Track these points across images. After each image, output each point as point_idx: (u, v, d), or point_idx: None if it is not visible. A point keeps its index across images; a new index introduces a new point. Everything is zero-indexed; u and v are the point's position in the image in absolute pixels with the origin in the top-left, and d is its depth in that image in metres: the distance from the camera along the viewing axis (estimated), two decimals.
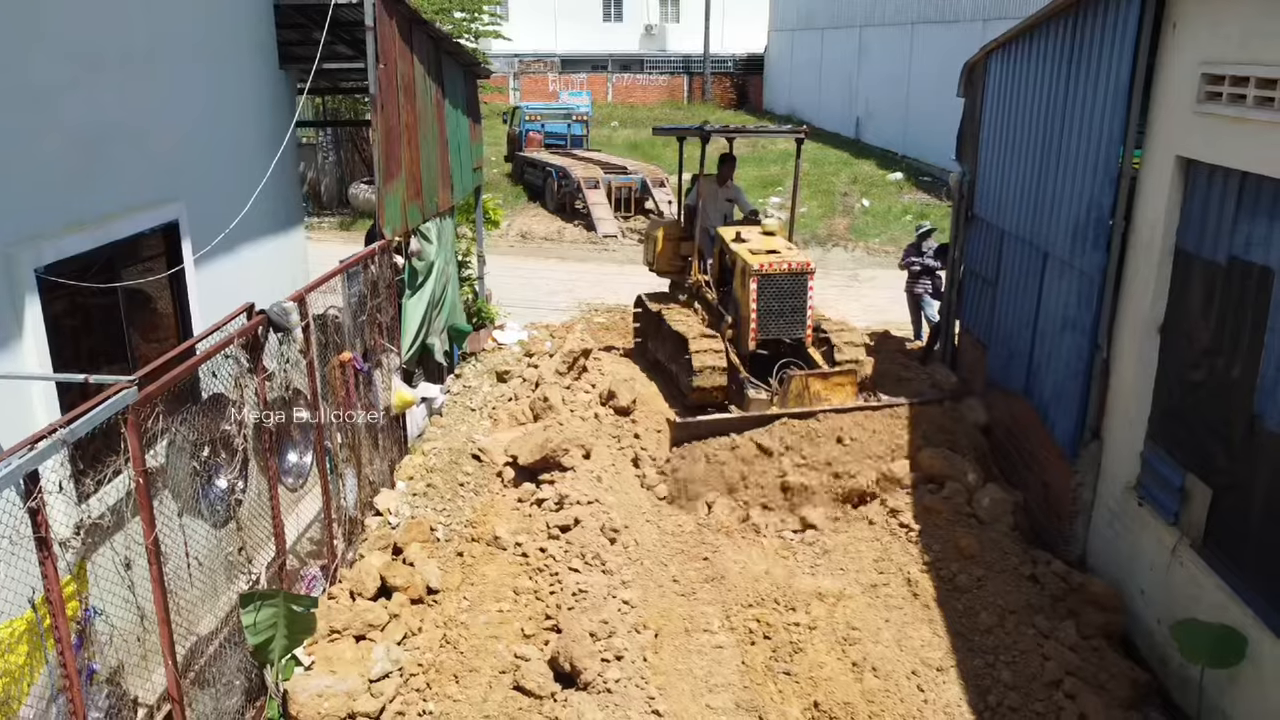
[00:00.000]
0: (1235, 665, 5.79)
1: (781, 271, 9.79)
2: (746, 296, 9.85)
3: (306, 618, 6.01)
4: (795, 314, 9.91)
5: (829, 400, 9.34)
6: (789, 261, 9.84)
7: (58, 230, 5.49)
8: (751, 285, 9.75)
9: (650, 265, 12.27)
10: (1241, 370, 6.07)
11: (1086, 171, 7.90)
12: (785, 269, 9.80)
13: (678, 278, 11.90)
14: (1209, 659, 5.90)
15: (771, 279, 9.78)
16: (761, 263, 9.76)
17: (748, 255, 9.98)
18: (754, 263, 9.78)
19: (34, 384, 5.26)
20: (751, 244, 10.36)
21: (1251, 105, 5.82)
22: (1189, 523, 6.56)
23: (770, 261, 9.80)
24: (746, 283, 9.85)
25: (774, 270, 9.76)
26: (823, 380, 9.49)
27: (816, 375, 9.52)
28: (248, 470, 5.96)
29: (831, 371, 9.66)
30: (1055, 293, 8.57)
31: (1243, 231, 6.07)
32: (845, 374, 9.62)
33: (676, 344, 10.41)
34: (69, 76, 5.70)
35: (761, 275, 9.73)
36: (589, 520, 7.81)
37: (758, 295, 9.74)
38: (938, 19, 28.91)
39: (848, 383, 9.57)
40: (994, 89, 10.34)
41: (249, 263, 7.87)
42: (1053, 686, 6.34)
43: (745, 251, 10.10)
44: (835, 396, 9.40)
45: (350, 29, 9.70)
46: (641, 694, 6.14)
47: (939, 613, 7.10)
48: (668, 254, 11.84)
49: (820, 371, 9.64)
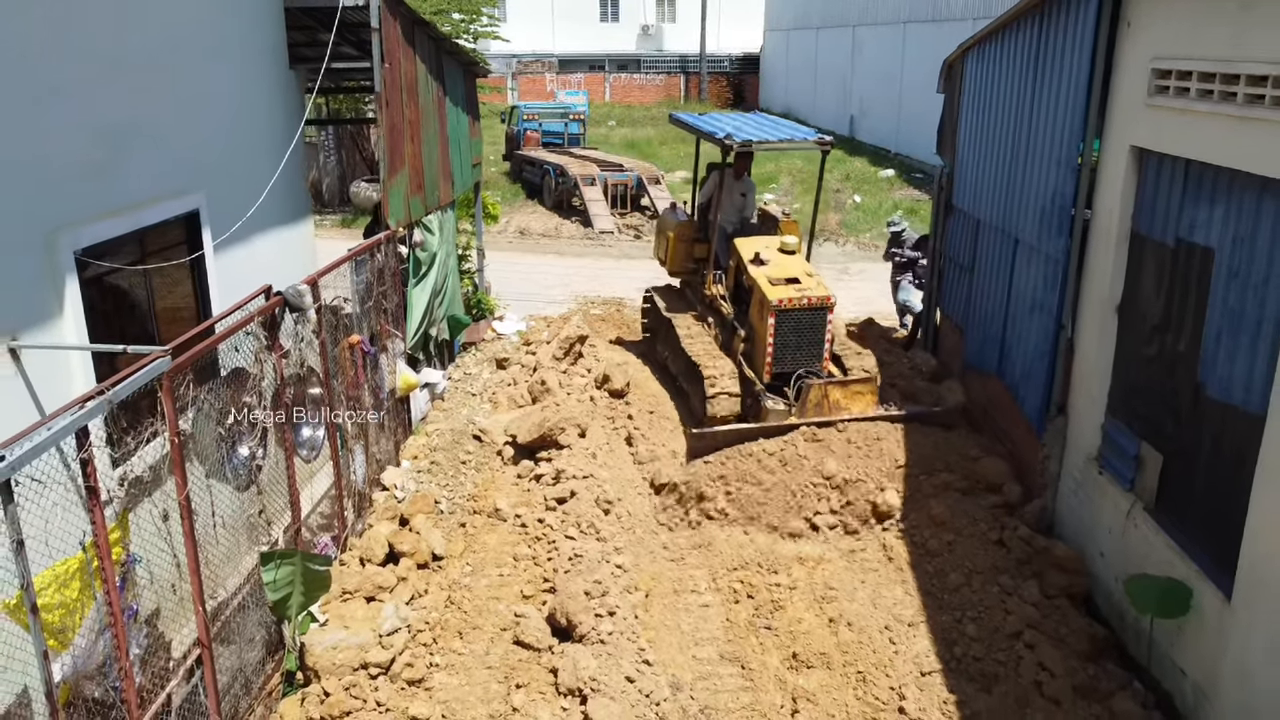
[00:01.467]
0: (1182, 616, 6.27)
1: (801, 307, 9.38)
2: (764, 329, 9.47)
3: (323, 575, 6.49)
4: (813, 348, 9.53)
5: (849, 409, 9.22)
6: (809, 296, 9.40)
7: (93, 216, 5.96)
8: (769, 320, 9.34)
9: (662, 262, 12.08)
10: (1187, 343, 6.56)
11: (1051, 162, 8.40)
12: (805, 304, 9.38)
13: (690, 278, 11.70)
14: (1157, 610, 6.38)
15: (790, 315, 9.38)
16: (780, 298, 9.33)
17: (767, 286, 9.53)
18: (772, 297, 9.35)
19: (73, 355, 5.73)
20: (770, 270, 9.84)
21: (1195, 97, 6.30)
22: (1143, 487, 7.04)
23: (790, 297, 9.36)
24: (764, 315, 9.45)
25: (793, 306, 9.36)
26: (842, 389, 9.33)
27: (836, 384, 9.34)
28: (267, 440, 6.44)
29: (851, 380, 9.46)
30: (1024, 277, 9.06)
31: (1188, 215, 6.56)
32: (865, 382, 9.44)
33: (689, 365, 10.09)
34: (99, 75, 6.17)
35: (780, 311, 9.33)
36: (584, 493, 8.29)
37: (775, 330, 9.35)
38: (929, 18, 29.40)
39: (867, 391, 9.40)
40: (970, 85, 10.82)
41: (262, 251, 8.35)
42: (1014, 639, 6.82)
43: (764, 280, 9.63)
44: (855, 405, 9.27)
45: (355, 30, 10.16)
46: (633, 646, 6.62)
47: (911, 574, 7.59)
48: (680, 254, 11.54)
49: (839, 380, 9.45)
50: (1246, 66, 5.68)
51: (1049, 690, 6.40)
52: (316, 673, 6.38)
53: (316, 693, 6.27)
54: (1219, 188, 6.19)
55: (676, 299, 11.61)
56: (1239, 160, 5.86)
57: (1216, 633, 6.00)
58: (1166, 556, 6.58)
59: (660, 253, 12.07)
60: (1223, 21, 6.00)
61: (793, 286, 9.54)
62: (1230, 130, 5.91)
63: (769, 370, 9.49)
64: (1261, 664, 5.53)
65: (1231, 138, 5.91)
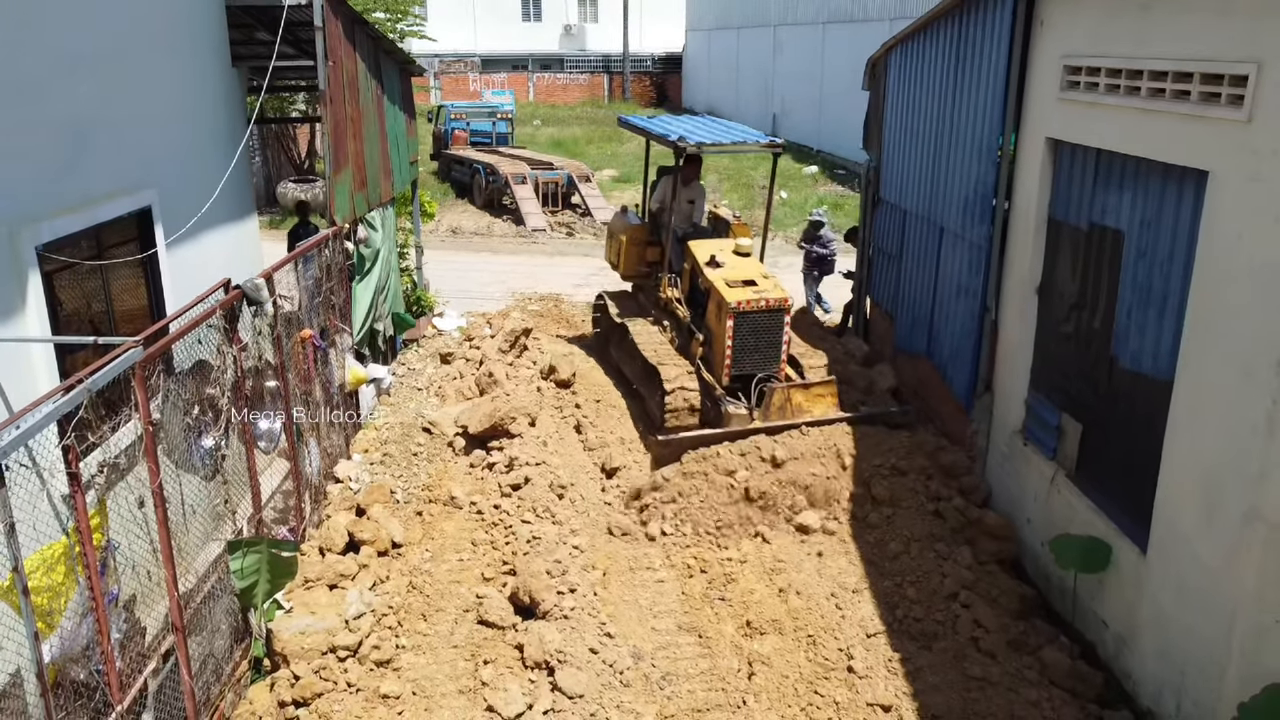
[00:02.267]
0: (1102, 570, 6.78)
1: (759, 309, 9.38)
2: (722, 331, 9.41)
3: (289, 561, 6.62)
4: (771, 349, 9.53)
5: (810, 412, 9.22)
6: (766, 299, 9.41)
7: (52, 212, 6.00)
8: (728, 323, 9.30)
9: (614, 265, 11.99)
10: (1101, 320, 7.09)
11: (973, 154, 8.91)
12: (763, 306, 9.39)
13: (642, 281, 11.66)
14: (1080, 565, 6.89)
15: (748, 317, 9.36)
16: (739, 300, 9.30)
17: (724, 288, 9.50)
18: (730, 299, 9.31)
19: (36, 349, 5.77)
20: (727, 272, 9.85)
21: (1103, 92, 6.82)
22: (1064, 455, 7.56)
23: (748, 299, 9.34)
24: (722, 317, 9.40)
25: (751, 309, 9.34)
26: (804, 392, 9.32)
27: (798, 387, 9.33)
28: (230, 430, 6.54)
29: (813, 383, 9.46)
30: (950, 263, 9.58)
31: (1100, 201, 7.09)
32: (826, 384, 9.46)
33: (646, 369, 10.00)
34: (55, 73, 6.20)
35: (738, 313, 9.29)
36: (538, 479, 8.53)
37: (734, 333, 9.32)
38: (848, 18, 30.23)
39: (828, 394, 9.42)
40: (894, 82, 11.33)
41: (212, 248, 8.40)
42: (950, 600, 7.28)
43: (721, 283, 9.60)
44: (817, 408, 9.28)
45: (293, 29, 10.21)
46: (594, 620, 6.89)
47: (854, 546, 8.00)
48: (633, 258, 11.49)
49: (801, 383, 9.45)
50: (1149, 63, 6.19)
51: (984, 645, 6.86)
52: (285, 658, 6.51)
53: (286, 677, 6.40)
54: (1127, 175, 6.71)
55: (629, 303, 11.53)
56: (1144, 149, 6.39)
57: (1134, 585, 6.52)
58: (1088, 518, 7.10)
59: (612, 256, 12.02)
60: (1126, 21, 6.53)
61: (750, 289, 9.55)
62: (1136, 122, 6.43)
63: (728, 373, 9.47)
64: (1173, 609, 6.05)
65: (1137, 128, 6.43)
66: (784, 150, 10.45)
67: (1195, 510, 5.85)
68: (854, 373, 10.86)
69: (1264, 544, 5.29)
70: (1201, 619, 5.78)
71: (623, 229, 11.72)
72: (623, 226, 11.81)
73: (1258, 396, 5.27)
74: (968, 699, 6.42)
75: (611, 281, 12.40)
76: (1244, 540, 5.40)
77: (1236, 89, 5.39)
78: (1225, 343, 5.56)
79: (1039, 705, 6.33)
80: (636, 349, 10.19)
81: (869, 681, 6.56)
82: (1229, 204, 5.50)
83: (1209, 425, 5.73)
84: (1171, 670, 6.08)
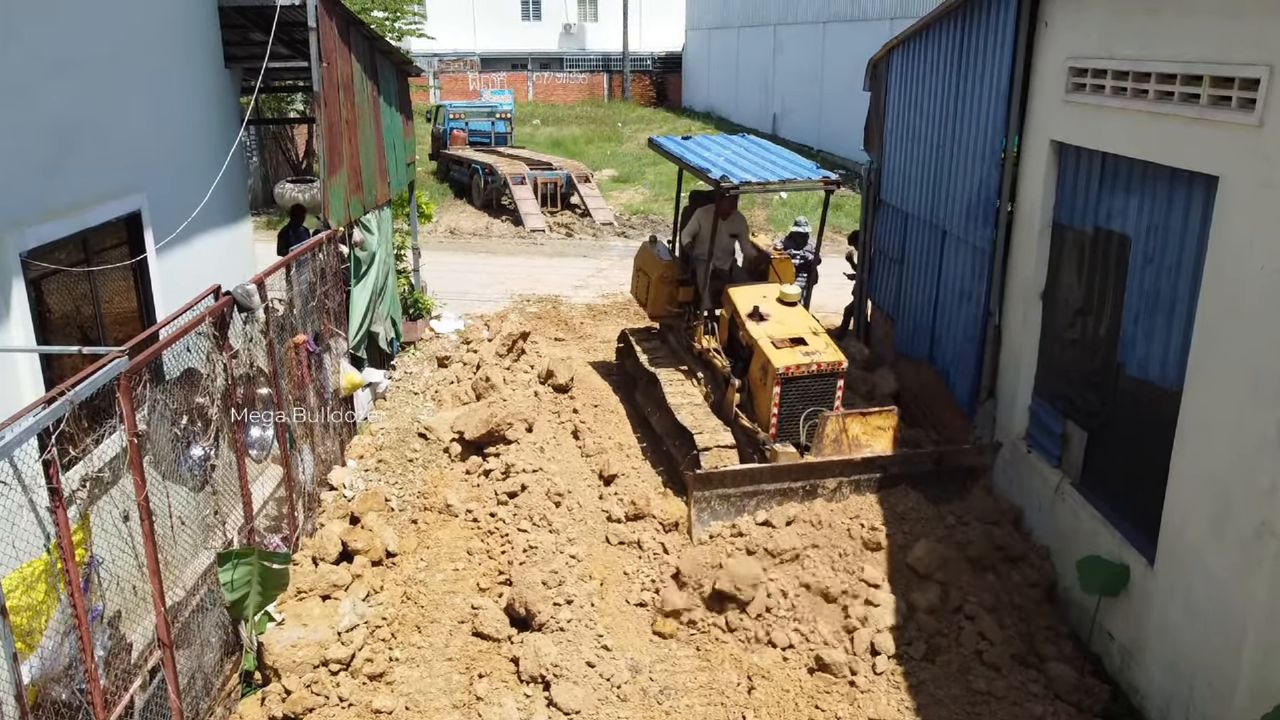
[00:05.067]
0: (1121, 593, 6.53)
1: (810, 374, 8.41)
2: (766, 396, 8.50)
3: (280, 574, 6.50)
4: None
5: (869, 445, 8.26)
6: (818, 362, 8.42)
7: (38, 218, 5.88)
8: (774, 389, 8.35)
9: (641, 303, 11.02)
10: (1107, 326, 6.96)
11: (976, 157, 8.79)
12: (814, 370, 8.40)
13: (672, 322, 10.65)
14: (1104, 591, 6.63)
15: (798, 383, 8.39)
16: (787, 365, 8.33)
17: (770, 350, 8.52)
18: (778, 363, 8.34)
19: (20, 359, 5.65)
20: (772, 327, 8.83)
21: (1109, 94, 6.70)
22: (1069, 463, 7.44)
23: (798, 364, 8.37)
24: (768, 381, 8.45)
25: (802, 374, 8.38)
26: (861, 421, 8.33)
27: (855, 415, 8.35)
28: (220, 440, 6.42)
29: (871, 411, 8.50)
30: (953, 267, 9.45)
31: (1105, 205, 6.97)
32: (886, 414, 8.47)
33: (679, 429, 9.00)
34: (41, 76, 6.08)
35: (785, 379, 8.33)
36: (535, 486, 8.40)
37: (780, 399, 8.37)
38: (848, 18, 30.10)
39: (888, 425, 8.41)
40: (896, 83, 11.20)
41: (204, 252, 8.27)
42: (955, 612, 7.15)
43: (767, 342, 8.62)
44: (876, 441, 8.30)
45: (288, 29, 10.09)
46: (591, 632, 6.77)
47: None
48: (662, 298, 10.40)
49: (858, 411, 8.48)
50: (1155, 65, 6.07)
51: (989, 658, 6.73)
52: (276, 671, 6.38)
53: (277, 691, 6.28)
54: (1133, 179, 6.59)
55: (656, 344, 10.59)
56: (1150, 152, 6.27)
57: (1141, 597, 6.40)
58: (1092, 527, 6.98)
59: (640, 293, 11.04)
60: (1133, 23, 6.41)
61: (799, 349, 8.55)
62: (1142, 125, 6.31)
63: (773, 436, 8.54)
64: (1182, 622, 5.93)
65: (1144, 132, 6.31)
66: (839, 185, 9.32)
67: (1204, 522, 5.73)
68: (854, 377, 10.73)
69: (1275, 559, 5.16)
70: (1211, 633, 5.66)
71: (652, 264, 10.59)
72: (652, 262, 10.62)
73: (1268, 407, 5.15)
74: (971, 713, 6.30)
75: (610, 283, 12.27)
76: (1255, 555, 5.28)
77: (1248, 92, 5.27)
78: (1235, 352, 5.44)
79: None
80: (666, 402, 9.30)
81: (870, 696, 6.44)
82: (1240, 210, 5.38)
83: (1218, 436, 5.61)
84: (1179, 684, 5.96)
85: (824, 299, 15.21)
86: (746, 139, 10.95)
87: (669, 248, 10.89)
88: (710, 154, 10.02)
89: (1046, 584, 7.48)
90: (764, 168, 9.55)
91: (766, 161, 9.88)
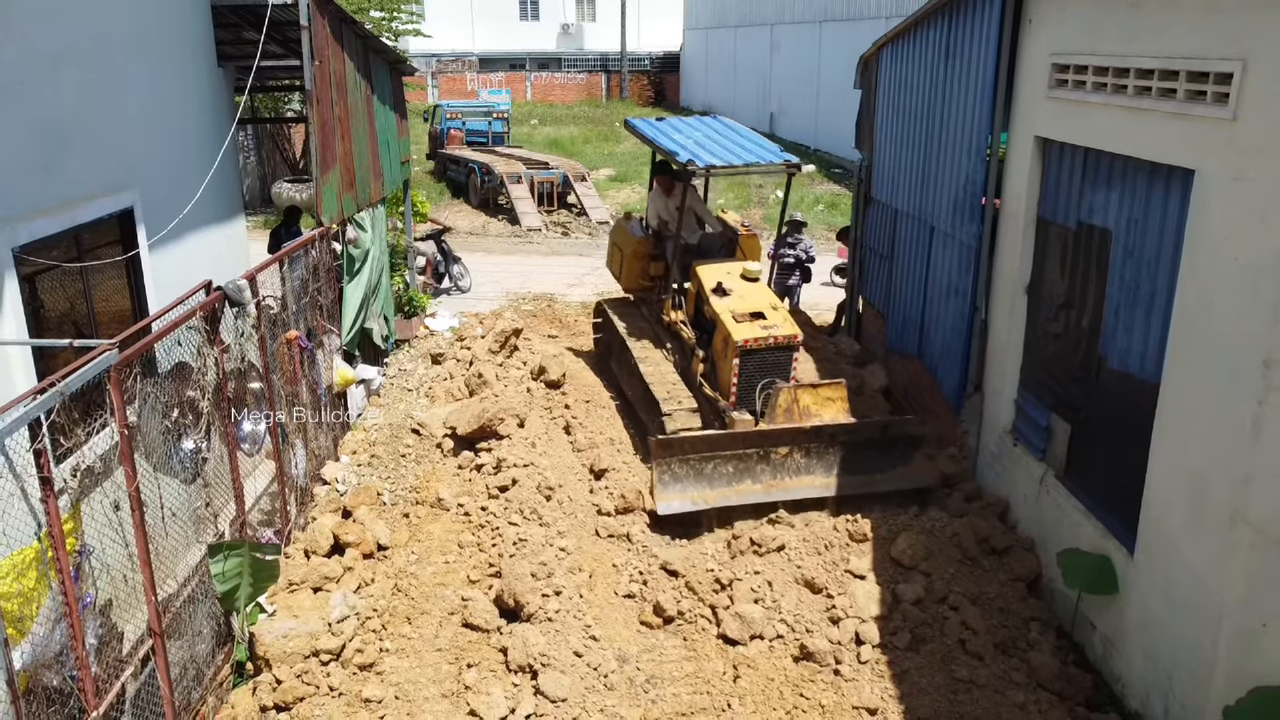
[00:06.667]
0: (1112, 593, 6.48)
1: (768, 346, 8.95)
2: (727, 366, 9.04)
3: (271, 565, 6.57)
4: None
5: (820, 415, 8.76)
6: (775, 335, 8.97)
7: (30, 214, 5.95)
8: (734, 360, 8.90)
9: (616, 277, 11.62)
10: (1090, 319, 7.04)
11: (963, 153, 8.86)
12: (771, 343, 8.95)
13: (644, 294, 11.21)
14: (1087, 586, 6.66)
15: (756, 354, 8.96)
16: (746, 337, 8.87)
17: (731, 323, 9.06)
18: (738, 336, 8.88)
19: (12, 352, 5.73)
20: (734, 301, 9.35)
21: (1090, 90, 6.78)
22: (1053, 456, 7.52)
23: (756, 337, 8.91)
24: (728, 353, 9.00)
25: (759, 347, 8.92)
26: (812, 393, 8.88)
27: (806, 388, 8.93)
28: (211, 433, 6.49)
29: (821, 384, 9.09)
30: (941, 263, 9.53)
31: (1088, 199, 7.04)
32: (834, 385, 9.02)
33: (648, 397, 9.55)
34: (32, 72, 6.16)
35: (744, 351, 8.88)
36: (526, 480, 8.47)
37: (740, 369, 8.91)
38: (844, 17, 30.17)
39: (838, 397, 8.92)
40: (885, 81, 11.28)
41: (197, 250, 8.35)
42: (939, 603, 7.23)
43: (728, 316, 9.15)
44: (826, 411, 8.81)
45: (281, 28, 10.17)
46: (579, 623, 6.85)
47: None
48: (635, 272, 11.02)
49: (809, 384, 9.07)
50: (1135, 61, 6.15)
51: (972, 647, 6.80)
52: (268, 662, 6.46)
53: (268, 681, 6.36)
54: (1114, 173, 6.67)
55: (632, 314, 11.14)
56: (1131, 147, 6.34)
57: (1122, 587, 6.47)
58: (1075, 519, 7.06)
59: (614, 267, 11.63)
60: (1114, 19, 6.48)
61: (758, 323, 9.10)
62: (1123, 120, 6.39)
63: (733, 404, 9.05)
64: (1161, 611, 6.01)
65: (1124, 127, 6.39)
66: (799, 169, 9.81)
67: (1182, 512, 5.80)
68: (846, 372, 10.82)
69: (1250, 547, 5.24)
70: (1189, 622, 5.74)
71: (626, 240, 11.24)
72: (626, 238, 11.28)
73: (1244, 398, 5.23)
74: (954, 701, 6.37)
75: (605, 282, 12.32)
76: (1231, 543, 5.35)
77: (1222, 87, 5.34)
78: (1211, 343, 5.51)
79: (1025, 708, 6.28)
80: (638, 369, 9.81)
81: (855, 684, 6.51)
82: (1215, 203, 5.46)
83: (1195, 427, 5.68)
84: (1159, 673, 6.04)
85: (817, 297, 15.36)
86: (717, 120, 11.35)
87: (642, 225, 11.41)
88: (680, 136, 10.45)
89: (1031, 575, 7.56)
90: (730, 150, 9.93)
91: (733, 144, 10.24)
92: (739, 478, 8.40)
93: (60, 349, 6.12)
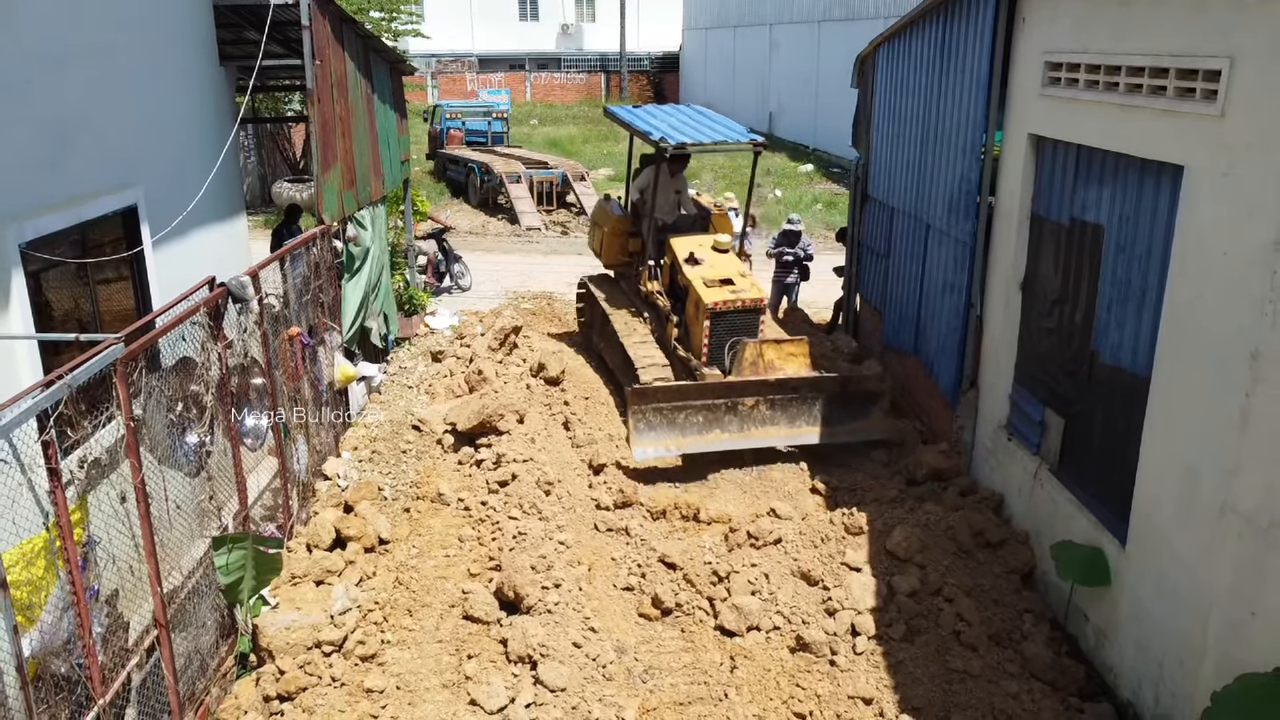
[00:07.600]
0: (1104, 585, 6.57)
1: (736, 309, 9.64)
2: (699, 329, 9.73)
3: (274, 558, 6.66)
4: None
5: (783, 370, 9.39)
6: (742, 299, 9.65)
7: (36, 210, 6.04)
8: (705, 322, 9.59)
9: (597, 254, 12.20)
10: (1083, 314, 7.12)
11: (958, 151, 8.95)
12: (739, 306, 9.64)
13: (624, 270, 11.83)
14: (1080, 578, 6.75)
15: (725, 316, 9.62)
16: (715, 300, 9.56)
17: (702, 288, 9.76)
18: (708, 299, 9.57)
19: (19, 346, 5.81)
20: (705, 270, 10.05)
21: (1082, 88, 6.86)
22: (1047, 450, 7.60)
23: (724, 300, 9.60)
24: (700, 317, 9.70)
25: (728, 309, 9.61)
26: (776, 348, 9.53)
27: (770, 343, 9.61)
28: (215, 427, 6.58)
29: (785, 340, 9.74)
30: (936, 260, 9.62)
31: (1080, 196, 7.13)
32: (797, 342, 9.73)
33: (626, 361, 10.16)
34: (37, 71, 6.24)
35: (715, 314, 9.56)
36: (525, 475, 8.56)
37: (710, 331, 9.59)
38: (843, 17, 30.26)
39: (800, 353, 9.58)
40: (882, 80, 11.37)
41: (199, 247, 8.43)
42: (934, 595, 7.31)
43: (699, 282, 9.85)
44: (789, 366, 9.45)
45: (282, 28, 10.25)
46: (578, 615, 6.93)
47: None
48: (615, 248, 11.64)
49: (773, 340, 9.72)
50: (1126, 59, 6.23)
51: (966, 638, 6.88)
52: (270, 653, 6.54)
53: (271, 672, 6.44)
54: (1106, 170, 6.75)
55: (613, 289, 11.72)
56: (1122, 144, 6.42)
57: (1114, 577, 6.55)
58: (1069, 512, 7.14)
59: (595, 245, 12.22)
60: (1106, 17, 6.56)
61: (727, 288, 9.76)
62: (1114, 117, 6.47)
63: (704, 364, 9.74)
64: (1152, 602, 6.09)
65: (1115, 124, 6.47)
66: (766, 148, 10.53)
67: (1172, 504, 5.88)
68: (842, 369, 10.90)
69: (1239, 537, 5.32)
70: (1179, 612, 5.82)
71: (606, 219, 11.87)
72: (606, 217, 11.93)
73: (1232, 390, 5.31)
74: (948, 691, 6.45)
75: None
76: (1219, 534, 5.43)
77: (1210, 84, 5.43)
78: (1200, 336, 5.59)
79: (1019, 698, 6.36)
80: (617, 337, 10.44)
81: (850, 675, 6.60)
82: (1203, 198, 5.54)
83: (1185, 419, 5.76)
84: (1150, 663, 6.12)
85: (814, 295, 15.44)
86: (691, 108, 12.01)
87: (621, 206, 12.12)
88: (656, 120, 11.13)
89: (1025, 568, 7.64)
90: (700, 131, 10.57)
91: (704, 126, 10.90)
92: (709, 427, 9.17)
93: (66, 344, 6.21)
